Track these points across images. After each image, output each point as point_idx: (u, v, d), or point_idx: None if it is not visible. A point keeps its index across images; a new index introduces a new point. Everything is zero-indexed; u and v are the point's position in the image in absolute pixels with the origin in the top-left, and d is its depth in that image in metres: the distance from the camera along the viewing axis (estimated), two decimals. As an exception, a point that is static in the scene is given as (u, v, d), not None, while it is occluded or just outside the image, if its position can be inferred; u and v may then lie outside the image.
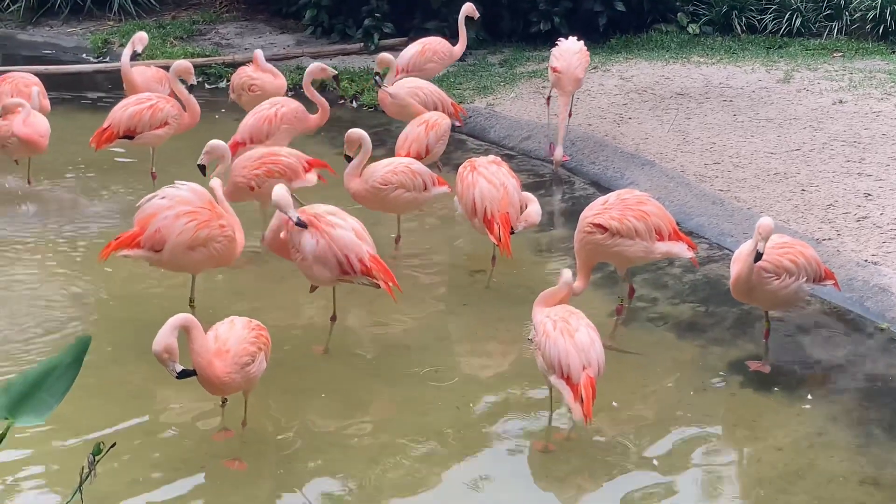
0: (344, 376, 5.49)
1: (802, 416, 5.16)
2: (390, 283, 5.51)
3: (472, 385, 5.48)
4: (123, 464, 4.61)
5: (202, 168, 6.39)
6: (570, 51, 8.12)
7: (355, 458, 4.81)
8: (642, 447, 4.95)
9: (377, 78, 8.32)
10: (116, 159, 8.43)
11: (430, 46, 9.13)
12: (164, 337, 4.39)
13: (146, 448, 4.82)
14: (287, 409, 5.19)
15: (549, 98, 8.58)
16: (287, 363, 5.45)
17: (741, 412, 5.26)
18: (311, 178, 6.90)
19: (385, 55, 8.50)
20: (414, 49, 9.11)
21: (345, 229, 5.52)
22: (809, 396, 5.30)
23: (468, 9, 9.25)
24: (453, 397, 5.35)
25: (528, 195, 6.47)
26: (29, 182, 7.73)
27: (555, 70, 8.08)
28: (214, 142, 6.38)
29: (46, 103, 8.04)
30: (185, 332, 4.49)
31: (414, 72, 8.86)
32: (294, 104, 7.86)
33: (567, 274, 5.05)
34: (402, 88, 8.22)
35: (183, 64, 7.76)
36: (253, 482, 4.64)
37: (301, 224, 5.46)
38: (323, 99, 8.07)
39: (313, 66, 8.20)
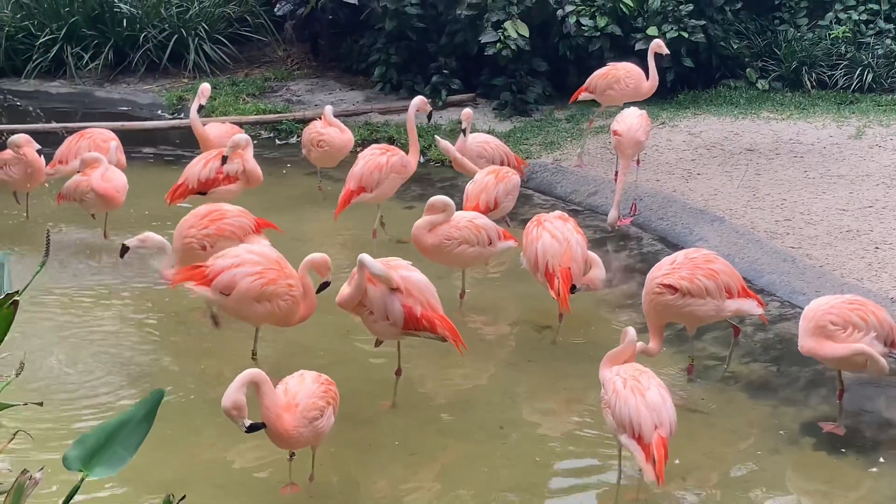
0: (410, 431, 5.49)
1: (876, 479, 5.04)
2: (455, 339, 5.51)
3: (538, 443, 5.43)
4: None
5: (125, 250, 6.46)
6: (631, 114, 8.14)
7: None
8: (713, 510, 4.87)
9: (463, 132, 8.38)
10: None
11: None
12: (233, 393, 4.43)
13: (215, 501, 4.85)
14: (354, 464, 5.20)
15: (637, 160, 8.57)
16: (353, 417, 5.46)
17: (814, 474, 5.15)
18: (261, 240, 6.64)
19: (468, 111, 8.49)
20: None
21: (407, 280, 5.55)
22: (882, 459, 5.17)
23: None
24: (519, 455, 5.31)
25: (594, 257, 6.44)
26: (105, 236, 7.90)
27: (616, 133, 8.09)
28: (151, 236, 6.46)
29: (123, 159, 8.25)
30: (254, 388, 4.53)
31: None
32: (400, 153, 8.06)
33: (631, 332, 5.01)
34: (471, 143, 8.29)
35: (244, 138, 7.90)
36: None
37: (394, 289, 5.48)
38: (416, 139, 8.23)
39: (418, 99, 8.32)
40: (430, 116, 8.74)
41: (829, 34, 11.61)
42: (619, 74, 9.07)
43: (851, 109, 10.58)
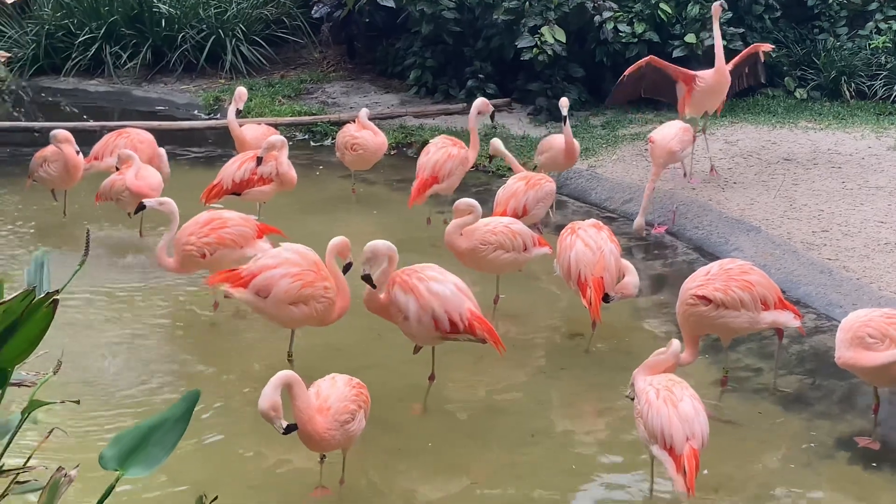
0: (441, 437, 5.48)
1: (916, 496, 4.97)
2: (495, 341, 5.49)
3: (569, 452, 5.41)
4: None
5: (141, 207, 6.73)
6: (673, 125, 8.12)
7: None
8: (745, 523, 4.83)
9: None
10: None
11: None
12: (270, 395, 4.44)
13: (246, 502, 4.86)
14: (384, 469, 5.20)
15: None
16: (384, 422, 5.46)
17: (848, 489, 5.09)
18: (264, 245, 6.68)
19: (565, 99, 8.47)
20: None
21: (443, 284, 5.54)
22: (920, 476, 5.11)
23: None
24: (550, 463, 5.29)
25: (627, 265, 6.41)
26: (141, 234, 7.95)
27: (650, 140, 8.11)
28: (167, 201, 6.73)
29: (167, 168, 8.31)
30: (287, 390, 4.54)
31: None
32: (465, 147, 8.24)
33: (676, 344, 4.98)
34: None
35: (279, 139, 7.93)
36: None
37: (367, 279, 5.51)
38: (477, 136, 8.32)
39: (479, 101, 8.34)
40: (493, 117, 8.75)
41: (870, 44, 11.50)
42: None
43: (891, 120, 10.46)
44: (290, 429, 4.51)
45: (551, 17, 10.62)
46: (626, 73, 9.00)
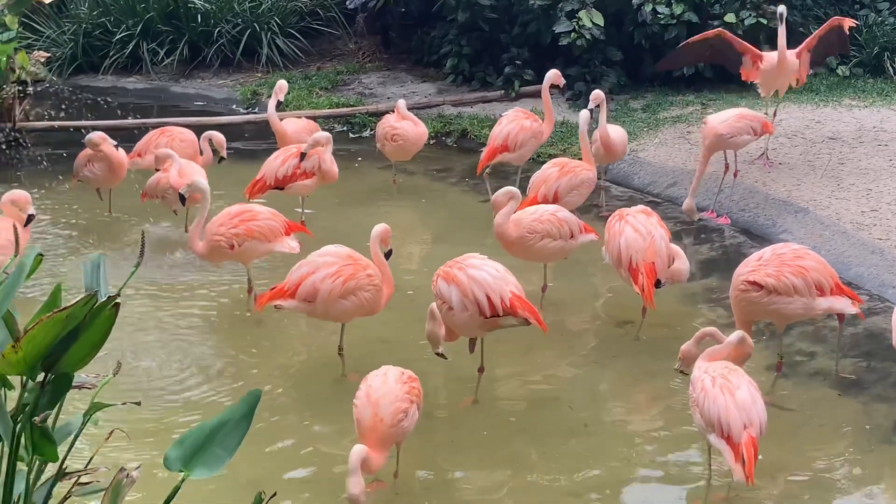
0: (494, 429, 5.46)
1: (979, 480, 4.89)
2: (538, 320, 5.45)
3: (624, 442, 5.37)
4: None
5: (182, 198, 7.02)
6: (729, 111, 8.06)
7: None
8: (806, 510, 4.78)
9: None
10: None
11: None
12: (358, 482, 4.39)
13: (303, 498, 4.87)
14: (438, 462, 5.19)
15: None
16: (436, 414, 5.45)
17: (913, 476, 5.02)
18: (292, 243, 6.77)
19: (598, 92, 8.18)
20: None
21: (482, 270, 5.51)
22: (984, 459, 5.03)
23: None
24: (605, 453, 5.26)
25: (678, 250, 6.35)
26: (187, 230, 7.98)
27: (704, 121, 8.03)
28: (198, 179, 6.92)
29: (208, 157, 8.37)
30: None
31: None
32: (540, 120, 8.50)
33: (739, 333, 4.93)
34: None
35: (325, 136, 7.93)
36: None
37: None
38: (551, 108, 8.58)
39: (552, 72, 8.63)
40: (563, 90, 9.05)
41: (912, 18, 11.32)
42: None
43: (937, 95, 10.31)
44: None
45: (588, 1, 10.53)
46: (691, 40, 8.92)
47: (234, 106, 12.02)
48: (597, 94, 8.04)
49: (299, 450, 5.30)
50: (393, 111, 9.32)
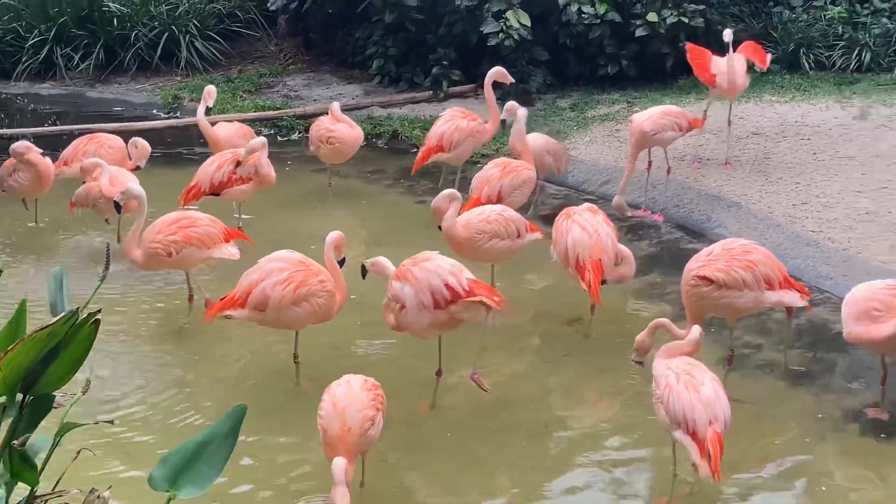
0: (455, 433, 5.44)
1: (928, 464, 5.04)
2: (496, 300, 5.43)
3: (585, 439, 5.41)
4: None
5: (117, 206, 6.85)
6: (655, 108, 8.13)
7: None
8: (766, 500, 4.86)
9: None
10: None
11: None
12: (344, 494, 4.32)
13: (267, 511, 4.80)
14: (403, 469, 5.15)
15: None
16: (396, 419, 5.39)
17: (864, 461, 5.15)
18: (232, 250, 6.69)
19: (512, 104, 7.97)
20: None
21: (436, 261, 5.51)
22: (931, 444, 5.18)
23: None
24: (567, 452, 5.29)
25: (627, 252, 6.41)
26: (119, 240, 7.78)
27: (630, 120, 8.13)
28: (133, 185, 6.77)
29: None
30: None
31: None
32: (479, 120, 8.45)
33: (697, 330, 4.99)
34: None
35: (261, 141, 7.83)
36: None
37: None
38: (496, 106, 8.45)
39: (494, 70, 8.55)
40: (512, 86, 9.03)
41: (825, 15, 11.63)
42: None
43: (852, 90, 10.60)
44: None
45: (515, 1, 10.58)
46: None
47: (154, 111, 11.77)
48: (510, 106, 7.86)
49: (257, 462, 5.20)
50: (322, 113, 9.24)
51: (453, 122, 8.43)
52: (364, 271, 5.76)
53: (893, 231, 7.17)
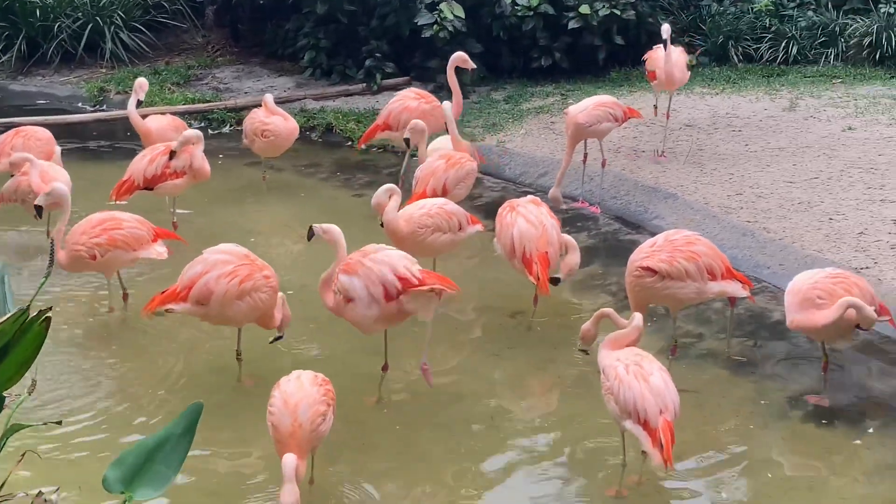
0: (402, 428, 5.40)
1: (869, 448, 5.14)
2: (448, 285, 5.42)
3: (532, 431, 5.41)
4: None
5: (38, 209, 6.48)
6: (588, 100, 8.10)
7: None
8: (713, 487, 4.91)
9: None
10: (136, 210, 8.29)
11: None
12: (293, 490, 4.28)
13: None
14: (351, 465, 5.07)
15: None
16: (344, 416, 5.30)
17: (807, 447, 5.23)
18: (160, 249, 6.56)
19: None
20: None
21: (384, 252, 5.48)
22: (870, 430, 5.28)
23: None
24: (514, 445, 5.29)
25: (569, 239, 6.42)
26: (48, 235, 7.58)
27: (565, 112, 8.14)
28: (56, 185, 6.49)
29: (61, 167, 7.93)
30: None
31: None
32: (435, 103, 8.35)
33: (638, 318, 5.00)
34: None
35: (195, 134, 7.68)
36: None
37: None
38: (459, 90, 8.41)
39: (457, 55, 8.54)
40: (473, 71, 9.05)
41: (752, 8, 11.81)
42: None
43: (781, 82, 10.79)
44: None
45: (448, -7, 10.56)
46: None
47: (79, 104, 11.51)
48: (413, 125, 7.63)
49: (204, 460, 5.09)
50: (254, 106, 9.11)
51: (403, 102, 8.47)
52: (311, 234, 5.60)
53: (826, 221, 7.30)
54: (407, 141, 7.73)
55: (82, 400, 5.56)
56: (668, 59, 8.43)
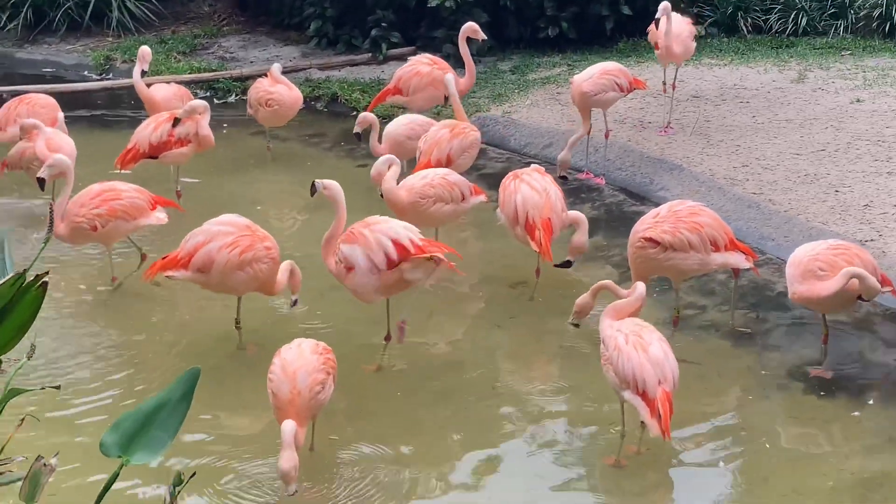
0: (403, 396, 5.42)
1: (870, 420, 5.15)
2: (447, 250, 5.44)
3: (533, 400, 5.41)
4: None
5: (41, 181, 6.40)
6: (593, 67, 8.04)
7: (431, 480, 4.73)
8: (714, 459, 4.93)
9: None
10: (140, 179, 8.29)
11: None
12: (292, 456, 4.32)
13: (214, 475, 4.72)
14: (352, 433, 5.09)
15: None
16: (345, 384, 5.30)
17: (808, 419, 5.24)
18: (160, 215, 6.57)
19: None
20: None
21: (386, 223, 5.49)
22: (870, 401, 5.28)
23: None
24: (515, 413, 5.29)
25: (579, 217, 6.36)
26: (53, 200, 7.58)
27: (571, 81, 8.09)
28: (58, 157, 6.41)
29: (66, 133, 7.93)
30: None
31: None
32: (449, 70, 8.33)
33: (641, 288, 5.00)
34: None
35: (202, 104, 7.68)
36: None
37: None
38: (471, 60, 8.40)
39: (468, 25, 8.46)
40: (484, 42, 8.99)
41: (763, -22, 11.71)
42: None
43: (789, 53, 10.71)
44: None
45: (455, -38, 10.48)
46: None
47: (85, 72, 11.48)
48: (361, 119, 7.64)
49: (202, 427, 5.12)
50: (260, 75, 9.08)
51: (415, 67, 8.44)
52: (313, 189, 5.64)
53: (832, 193, 7.27)
54: (358, 135, 7.69)
55: (84, 366, 5.59)
56: (667, 32, 8.36)
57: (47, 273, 2.94)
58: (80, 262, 6.88)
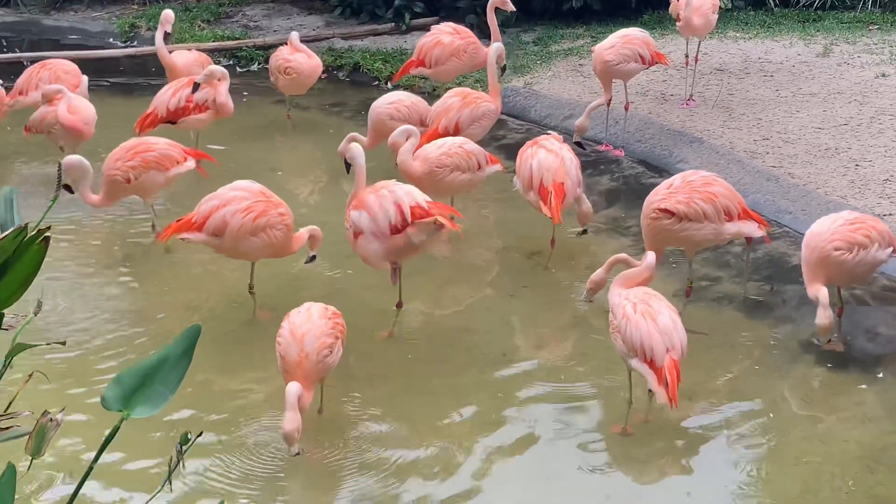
0: (413, 363, 5.44)
1: (881, 393, 5.11)
2: (453, 219, 5.46)
3: (543, 369, 5.42)
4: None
5: (68, 188, 6.23)
6: (614, 35, 7.97)
7: (439, 446, 4.76)
8: (721, 428, 4.91)
9: None
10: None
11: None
12: (295, 418, 4.37)
13: (225, 436, 4.77)
14: (362, 399, 5.11)
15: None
16: (355, 349, 5.38)
17: (819, 391, 5.22)
18: (189, 163, 6.69)
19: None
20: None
21: (393, 188, 5.52)
22: (881, 374, 5.25)
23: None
24: (524, 382, 5.30)
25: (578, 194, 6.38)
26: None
27: (592, 50, 8.03)
28: (69, 159, 6.32)
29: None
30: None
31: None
32: (475, 42, 8.31)
33: (651, 257, 4.99)
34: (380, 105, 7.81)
35: (220, 70, 7.70)
36: (332, 471, 4.59)
37: None
38: (498, 31, 8.27)
39: None
40: (513, 13, 8.95)
41: (791, -49, 11.56)
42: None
43: (816, 27, 10.59)
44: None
45: (479, -69, 10.41)
46: None
47: (111, 39, 11.55)
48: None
49: (214, 389, 5.18)
50: (282, 44, 9.09)
51: (436, 36, 8.32)
52: (348, 166, 5.82)
53: (852, 167, 7.20)
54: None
55: (96, 324, 5.68)
56: (688, 4, 8.28)
57: (49, 228, 2.97)
58: (99, 223, 6.95)
